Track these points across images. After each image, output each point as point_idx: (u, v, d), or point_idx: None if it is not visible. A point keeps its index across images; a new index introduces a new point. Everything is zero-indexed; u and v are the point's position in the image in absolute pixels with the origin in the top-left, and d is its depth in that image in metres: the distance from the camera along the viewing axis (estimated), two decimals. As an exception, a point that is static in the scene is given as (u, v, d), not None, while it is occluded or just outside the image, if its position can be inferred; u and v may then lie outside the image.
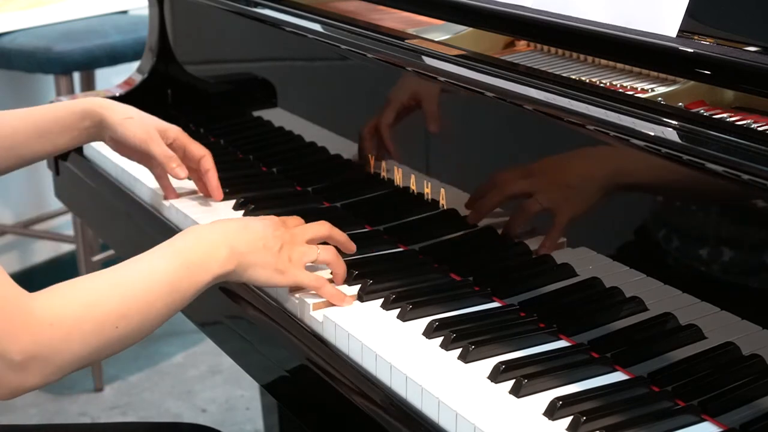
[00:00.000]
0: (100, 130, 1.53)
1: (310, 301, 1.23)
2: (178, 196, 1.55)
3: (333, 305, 1.22)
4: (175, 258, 1.13)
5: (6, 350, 0.99)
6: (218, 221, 1.23)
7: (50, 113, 1.52)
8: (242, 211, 1.51)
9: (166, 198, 1.55)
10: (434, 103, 1.33)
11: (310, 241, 1.26)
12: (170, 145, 1.52)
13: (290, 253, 1.22)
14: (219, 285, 1.26)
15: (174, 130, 1.54)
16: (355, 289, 1.26)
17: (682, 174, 1.03)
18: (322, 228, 1.29)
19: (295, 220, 1.31)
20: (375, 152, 1.43)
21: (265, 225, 1.23)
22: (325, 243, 1.29)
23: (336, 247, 1.29)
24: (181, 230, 1.52)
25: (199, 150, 1.52)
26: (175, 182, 1.56)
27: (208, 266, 1.15)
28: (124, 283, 1.09)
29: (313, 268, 1.27)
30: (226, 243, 1.17)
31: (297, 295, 1.24)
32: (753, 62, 1.06)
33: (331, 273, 1.27)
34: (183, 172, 1.49)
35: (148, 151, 1.51)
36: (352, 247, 1.32)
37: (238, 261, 1.17)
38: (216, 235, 1.18)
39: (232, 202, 1.55)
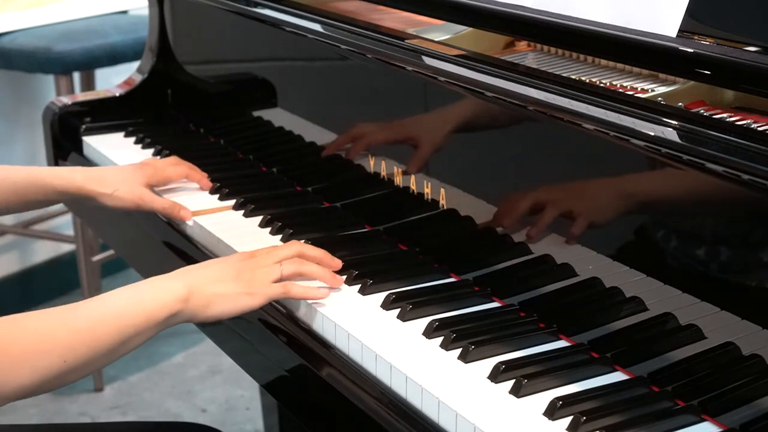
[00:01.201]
0: (86, 202, 1.54)
1: (311, 301, 1.23)
2: (191, 212, 1.53)
3: (329, 306, 1.22)
4: (125, 293, 1.14)
5: None
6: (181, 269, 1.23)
7: (30, 178, 1.49)
8: (242, 211, 1.51)
9: (183, 220, 1.52)
10: (434, 103, 1.33)
11: (280, 262, 1.23)
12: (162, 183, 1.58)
13: (252, 277, 1.20)
14: None
15: (156, 177, 1.56)
16: (355, 289, 1.26)
17: (682, 174, 1.03)
18: (290, 248, 1.26)
19: (264, 250, 1.27)
20: (373, 152, 1.44)
21: (225, 261, 1.22)
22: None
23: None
24: (180, 230, 1.52)
25: (178, 175, 1.59)
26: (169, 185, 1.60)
27: (162, 301, 1.13)
28: (73, 317, 1.10)
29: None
30: (180, 279, 1.17)
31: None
32: (753, 62, 1.06)
33: (319, 279, 1.25)
34: (188, 214, 1.50)
35: (147, 211, 1.53)
36: (334, 263, 1.28)
37: (197, 295, 1.15)
38: (171, 274, 1.18)
39: (232, 202, 1.55)
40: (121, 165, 1.59)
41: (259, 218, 1.48)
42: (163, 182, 1.58)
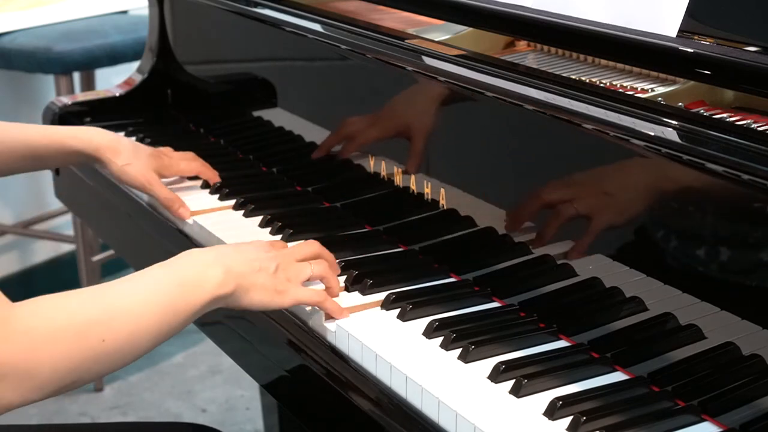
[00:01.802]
0: (95, 165, 1.56)
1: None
2: (190, 211, 1.52)
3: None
4: (166, 276, 1.08)
5: None
6: (213, 246, 1.21)
7: (46, 139, 1.50)
8: (242, 211, 1.51)
9: (181, 217, 1.52)
10: (434, 103, 1.33)
11: (302, 260, 1.22)
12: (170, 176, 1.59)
13: (286, 273, 1.18)
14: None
15: (169, 169, 1.57)
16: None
17: (682, 174, 1.03)
18: (312, 247, 1.25)
19: (280, 244, 1.27)
20: (374, 151, 1.44)
21: (257, 247, 1.20)
22: None
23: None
24: (180, 230, 1.52)
25: (190, 170, 1.60)
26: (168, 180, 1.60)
27: (203, 286, 1.09)
28: (111, 295, 1.04)
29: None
30: (220, 263, 1.12)
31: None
32: (753, 62, 1.06)
33: (326, 286, 1.24)
34: (186, 212, 1.50)
35: (149, 195, 1.54)
36: (337, 270, 1.27)
37: (237, 283, 1.12)
38: (209, 256, 1.14)
39: (232, 202, 1.55)
40: (137, 143, 1.58)
41: (259, 218, 1.48)
42: (174, 175, 1.59)
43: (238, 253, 1.16)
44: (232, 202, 1.55)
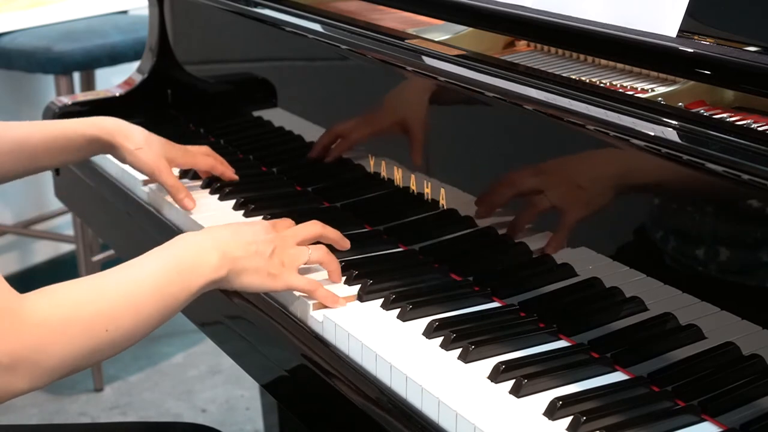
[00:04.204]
0: (109, 152, 1.57)
1: (311, 301, 1.23)
2: (194, 202, 1.52)
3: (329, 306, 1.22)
4: (165, 262, 1.12)
5: None
6: (208, 228, 1.23)
7: (61, 131, 1.52)
8: (242, 211, 1.51)
9: (185, 208, 1.52)
10: (434, 103, 1.33)
11: (302, 242, 1.25)
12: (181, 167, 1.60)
13: (281, 257, 1.21)
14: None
15: (184, 158, 1.57)
16: (355, 289, 1.26)
17: (682, 174, 1.03)
18: (314, 228, 1.28)
19: (285, 222, 1.30)
20: (375, 152, 1.44)
21: (255, 230, 1.22)
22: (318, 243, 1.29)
23: (331, 246, 1.29)
24: (180, 230, 1.52)
25: (205, 165, 1.59)
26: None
27: (199, 271, 1.13)
28: (113, 285, 1.08)
29: (306, 269, 1.27)
30: (217, 248, 1.16)
31: (297, 294, 1.24)
32: (753, 62, 1.06)
33: (328, 271, 1.27)
34: (191, 203, 1.50)
35: (157, 181, 1.54)
36: (346, 244, 1.32)
37: (231, 266, 1.16)
38: (207, 241, 1.17)
39: (232, 201, 1.55)
40: (150, 132, 1.59)
41: (259, 218, 1.48)
42: (188, 166, 1.59)
43: (235, 236, 1.19)
44: (232, 201, 1.54)
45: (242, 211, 1.51)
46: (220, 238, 1.18)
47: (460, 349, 1.11)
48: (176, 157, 1.56)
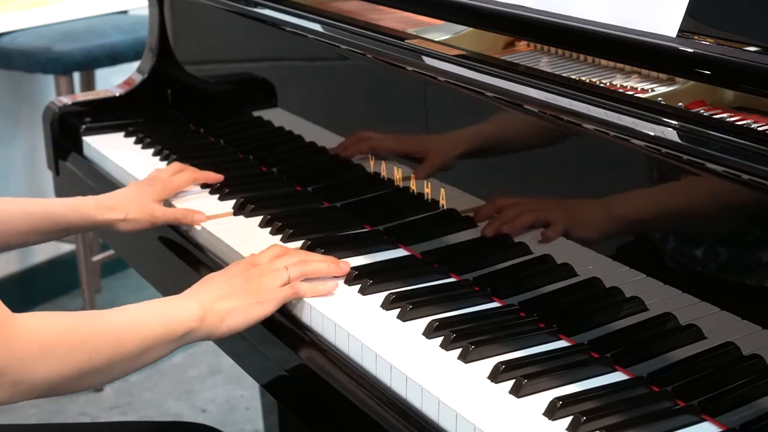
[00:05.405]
0: (101, 229, 1.55)
1: (311, 301, 1.23)
2: (202, 213, 1.51)
3: (329, 306, 1.22)
4: (146, 306, 1.18)
5: None
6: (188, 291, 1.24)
7: (45, 213, 1.48)
8: (242, 211, 1.51)
9: (198, 224, 1.50)
10: (434, 103, 1.33)
11: (277, 265, 1.25)
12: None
13: (259, 285, 1.22)
14: None
15: (166, 190, 1.55)
16: (355, 289, 1.26)
17: (681, 174, 1.03)
18: (294, 256, 1.27)
19: (267, 257, 1.27)
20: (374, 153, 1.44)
21: (229, 275, 1.24)
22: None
23: (331, 247, 1.29)
24: (180, 229, 1.52)
25: (185, 181, 1.58)
26: None
27: (181, 318, 1.17)
28: (99, 319, 1.14)
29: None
30: (193, 299, 1.20)
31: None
32: (753, 62, 1.06)
33: (324, 275, 1.26)
34: (202, 217, 1.50)
35: (162, 225, 1.52)
36: (341, 270, 1.28)
37: (210, 313, 1.19)
38: (185, 295, 1.21)
39: (232, 201, 1.55)
40: (128, 186, 1.57)
41: (259, 218, 1.48)
42: (173, 193, 1.57)
43: (208, 286, 1.22)
44: (232, 202, 1.55)
45: (242, 212, 1.51)
46: (197, 291, 1.22)
47: (460, 349, 1.11)
48: (160, 193, 1.54)
